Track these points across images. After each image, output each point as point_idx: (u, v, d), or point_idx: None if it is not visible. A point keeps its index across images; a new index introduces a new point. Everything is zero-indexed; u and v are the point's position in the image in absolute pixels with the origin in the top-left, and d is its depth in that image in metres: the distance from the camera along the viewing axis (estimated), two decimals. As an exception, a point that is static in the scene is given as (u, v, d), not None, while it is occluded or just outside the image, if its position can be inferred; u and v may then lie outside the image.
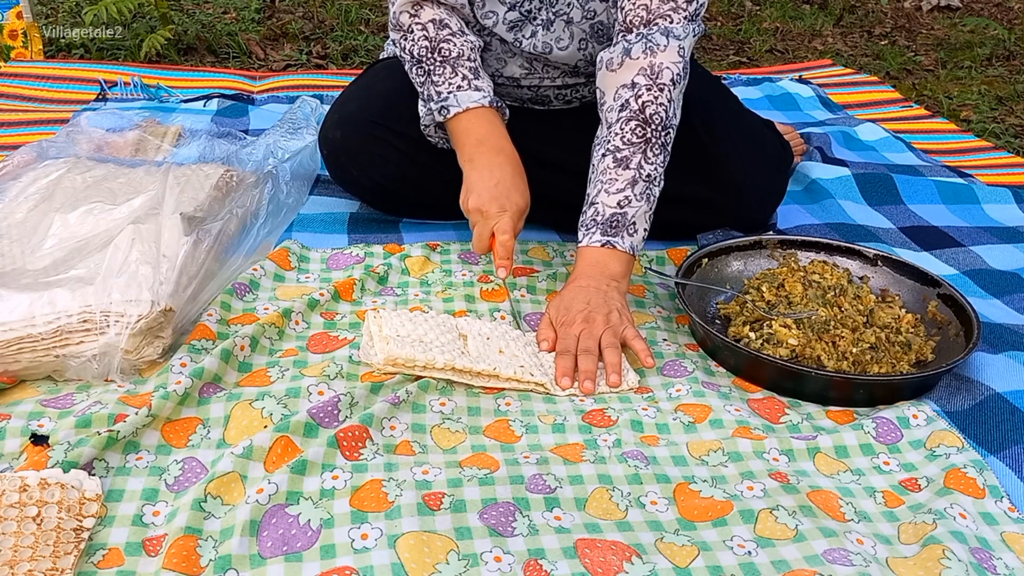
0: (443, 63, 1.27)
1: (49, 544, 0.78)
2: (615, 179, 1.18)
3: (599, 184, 1.19)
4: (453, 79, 1.26)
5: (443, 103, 1.27)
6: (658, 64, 1.19)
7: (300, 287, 1.25)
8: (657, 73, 1.19)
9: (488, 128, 1.25)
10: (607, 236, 1.17)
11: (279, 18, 2.97)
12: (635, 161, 1.18)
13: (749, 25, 3.20)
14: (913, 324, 1.18)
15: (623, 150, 1.18)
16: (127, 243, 1.13)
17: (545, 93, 1.40)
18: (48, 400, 0.98)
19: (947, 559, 0.82)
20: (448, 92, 1.26)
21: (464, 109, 1.25)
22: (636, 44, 1.19)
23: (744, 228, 1.39)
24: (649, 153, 1.19)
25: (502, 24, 1.31)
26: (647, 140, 1.18)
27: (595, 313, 1.12)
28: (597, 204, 1.19)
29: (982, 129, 2.30)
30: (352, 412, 0.98)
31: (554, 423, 1.02)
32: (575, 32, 1.31)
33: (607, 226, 1.17)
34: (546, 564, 0.80)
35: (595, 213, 1.19)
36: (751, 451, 0.97)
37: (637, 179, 1.18)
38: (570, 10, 1.29)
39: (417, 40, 1.28)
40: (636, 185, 1.18)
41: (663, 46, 1.19)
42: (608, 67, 1.22)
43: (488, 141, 1.24)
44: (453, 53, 1.27)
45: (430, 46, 1.27)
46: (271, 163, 1.48)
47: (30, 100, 1.98)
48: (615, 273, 1.17)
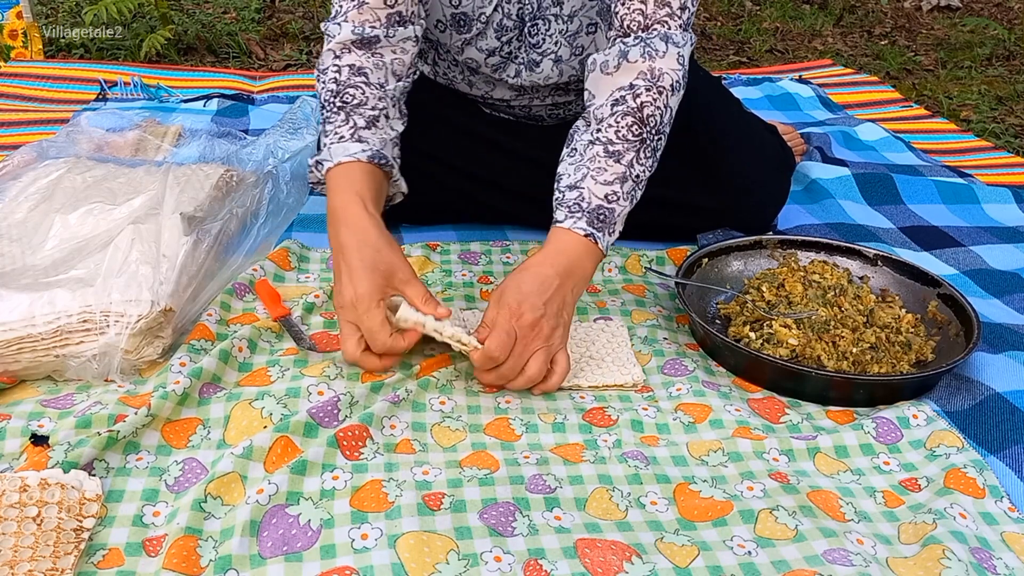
0: (340, 109, 1.12)
1: (49, 544, 0.78)
2: (604, 169, 1.10)
3: (585, 169, 1.10)
4: (342, 127, 1.11)
5: (319, 157, 1.11)
6: (658, 69, 1.13)
7: (300, 287, 1.25)
8: (657, 77, 1.13)
9: (346, 195, 1.06)
10: (593, 228, 1.08)
11: (279, 18, 2.97)
12: (627, 158, 1.11)
13: (749, 25, 3.20)
14: (913, 324, 1.18)
15: (616, 144, 1.10)
16: (127, 243, 1.13)
17: (537, 113, 1.40)
18: (48, 400, 0.98)
19: (947, 559, 0.82)
20: (329, 143, 1.11)
21: (336, 163, 1.09)
22: (634, 48, 1.13)
23: (746, 230, 1.39)
24: (642, 155, 1.12)
25: (485, 67, 1.29)
26: (642, 140, 1.12)
27: (544, 323, 1.03)
28: (582, 189, 1.09)
29: (982, 129, 2.30)
30: (352, 412, 0.98)
31: (554, 422, 1.02)
32: (564, 69, 1.29)
33: (593, 217, 1.08)
34: (546, 564, 0.80)
35: (579, 198, 1.09)
36: (751, 451, 0.97)
37: (627, 177, 1.11)
38: (557, 48, 1.26)
39: (327, 83, 1.14)
40: (625, 183, 1.10)
41: (662, 52, 1.13)
42: (603, 70, 1.15)
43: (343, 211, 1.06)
44: (354, 100, 1.12)
45: (336, 90, 1.13)
46: (271, 163, 1.48)
47: (30, 100, 1.98)
48: (586, 273, 1.09)
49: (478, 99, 1.39)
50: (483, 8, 1.22)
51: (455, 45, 1.27)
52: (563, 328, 1.05)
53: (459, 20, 1.24)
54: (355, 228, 1.04)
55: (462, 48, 1.26)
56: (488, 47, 1.26)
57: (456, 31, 1.25)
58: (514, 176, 1.40)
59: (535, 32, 1.25)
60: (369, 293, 1.00)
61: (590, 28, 1.25)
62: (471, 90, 1.37)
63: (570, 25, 1.24)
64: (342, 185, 1.08)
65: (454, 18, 1.24)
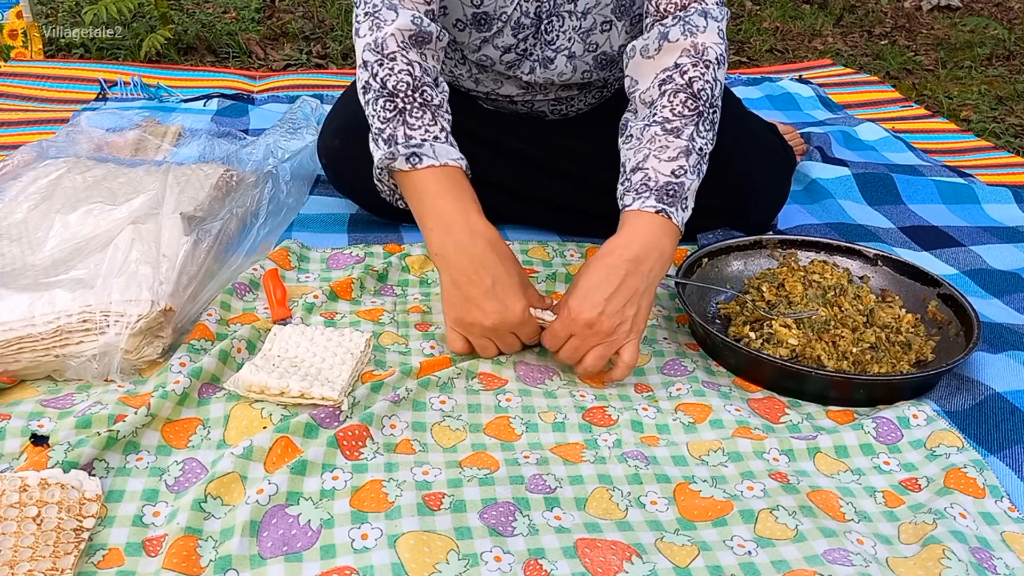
0: (423, 107, 1.08)
1: (49, 544, 0.78)
2: (666, 146, 1.07)
3: (646, 150, 1.08)
4: (432, 127, 1.08)
5: (415, 149, 1.06)
6: (701, 44, 1.12)
7: (300, 287, 1.25)
8: (701, 52, 1.11)
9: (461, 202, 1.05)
10: (663, 204, 1.05)
11: (279, 18, 2.97)
12: (687, 132, 1.08)
13: (749, 25, 3.20)
14: (913, 324, 1.18)
15: (673, 121, 1.09)
16: (127, 243, 1.13)
17: (540, 108, 1.40)
18: (48, 400, 0.98)
19: (947, 559, 0.82)
20: (423, 139, 1.07)
21: (441, 164, 1.06)
22: (673, 27, 1.12)
23: (746, 230, 1.39)
24: (701, 127, 1.09)
25: (499, 64, 1.29)
26: (699, 113, 1.09)
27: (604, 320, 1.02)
28: (647, 169, 1.07)
29: (982, 129, 2.30)
30: (352, 412, 0.98)
31: (554, 421, 1.02)
32: (578, 65, 1.29)
33: (662, 193, 1.05)
34: (546, 564, 0.80)
35: (645, 178, 1.07)
36: (751, 451, 0.97)
37: (690, 150, 1.08)
38: (571, 44, 1.26)
39: (398, 72, 1.09)
40: (690, 156, 1.08)
41: (702, 27, 1.12)
42: (643, 54, 1.14)
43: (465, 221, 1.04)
44: (435, 101, 1.09)
45: (412, 84, 1.08)
46: (271, 163, 1.48)
47: (30, 100, 1.98)
48: (665, 251, 1.05)
49: (480, 96, 1.39)
50: (504, 7, 1.22)
51: (472, 44, 1.26)
52: (628, 322, 1.03)
53: (480, 19, 1.23)
54: (493, 242, 1.04)
55: (478, 46, 1.26)
56: (504, 44, 1.26)
57: (476, 29, 1.24)
58: (514, 177, 1.40)
59: (550, 29, 1.25)
60: (524, 308, 1.04)
61: (604, 26, 1.25)
62: (476, 87, 1.37)
63: (584, 22, 1.24)
64: (455, 191, 1.05)
65: (475, 17, 1.23)
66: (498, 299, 1.03)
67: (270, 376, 0.98)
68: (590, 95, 1.40)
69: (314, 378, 1.00)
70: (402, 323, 1.19)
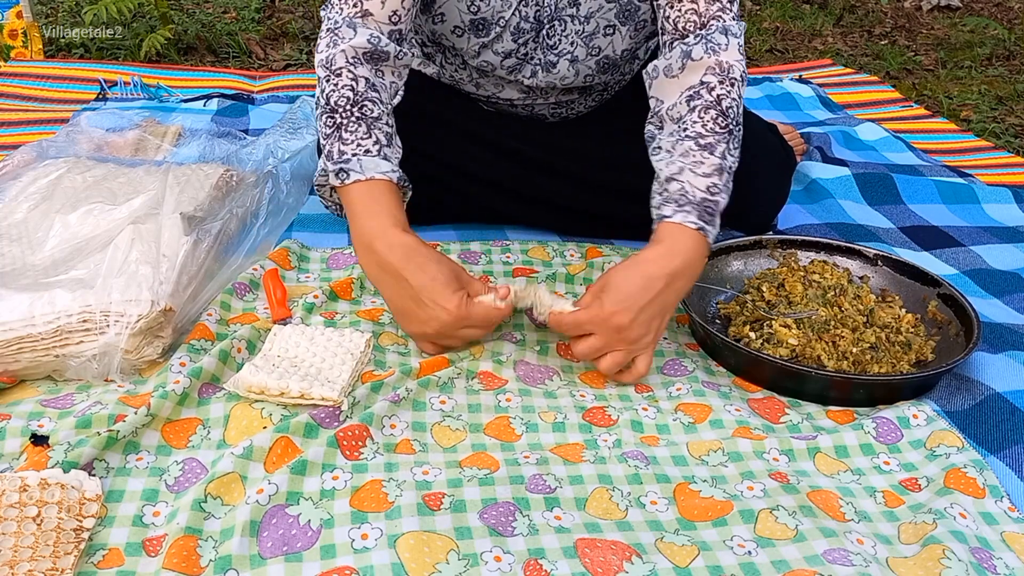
0: (359, 120, 1.08)
1: (49, 544, 0.78)
2: (701, 162, 1.07)
3: (680, 163, 1.08)
4: (364, 140, 1.08)
5: (342, 165, 1.07)
6: (725, 62, 1.12)
7: (300, 287, 1.25)
8: (727, 70, 1.12)
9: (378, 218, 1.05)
10: (702, 221, 1.05)
11: (279, 18, 2.97)
12: (719, 150, 1.08)
13: (749, 25, 3.20)
14: (913, 324, 1.18)
15: (707, 137, 1.08)
16: (127, 243, 1.13)
17: (540, 112, 1.40)
18: (48, 400, 0.98)
19: (947, 559, 0.82)
20: (352, 154, 1.07)
21: (367, 178, 1.06)
22: (696, 46, 1.12)
23: (747, 230, 1.39)
24: (731, 146, 1.10)
25: (501, 69, 1.29)
26: (729, 132, 1.10)
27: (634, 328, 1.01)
28: (683, 182, 1.06)
29: (982, 129, 2.30)
30: (352, 412, 0.98)
31: (554, 421, 1.02)
32: (581, 69, 1.29)
33: (702, 210, 1.05)
34: (546, 564, 0.80)
35: (682, 191, 1.06)
36: (751, 451, 0.97)
37: (723, 169, 1.08)
38: (574, 48, 1.26)
39: (341, 88, 1.09)
40: (723, 175, 1.08)
41: (724, 45, 1.12)
42: (667, 74, 1.14)
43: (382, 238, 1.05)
44: (373, 113, 1.09)
45: (353, 98, 1.09)
46: (271, 163, 1.48)
47: (30, 100, 1.98)
48: (695, 274, 1.07)
49: (480, 99, 1.39)
50: (502, 12, 1.22)
51: (471, 49, 1.26)
52: (653, 334, 1.04)
53: (478, 25, 1.23)
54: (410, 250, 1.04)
55: (478, 52, 1.26)
56: (505, 50, 1.26)
57: (474, 35, 1.24)
58: (514, 177, 1.40)
59: (552, 34, 1.25)
60: (458, 303, 1.03)
61: (607, 30, 1.25)
62: (477, 91, 1.37)
63: (587, 26, 1.24)
64: (376, 207, 1.06)
65: (473, 23, 1.23)
66: (427, 305, 1.03)
67: (270, 377, 0.98)
68: (590, 99, 1.40)
69: (314, 378, 1.00)
70: (402, 323, 1.18)
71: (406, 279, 1.03)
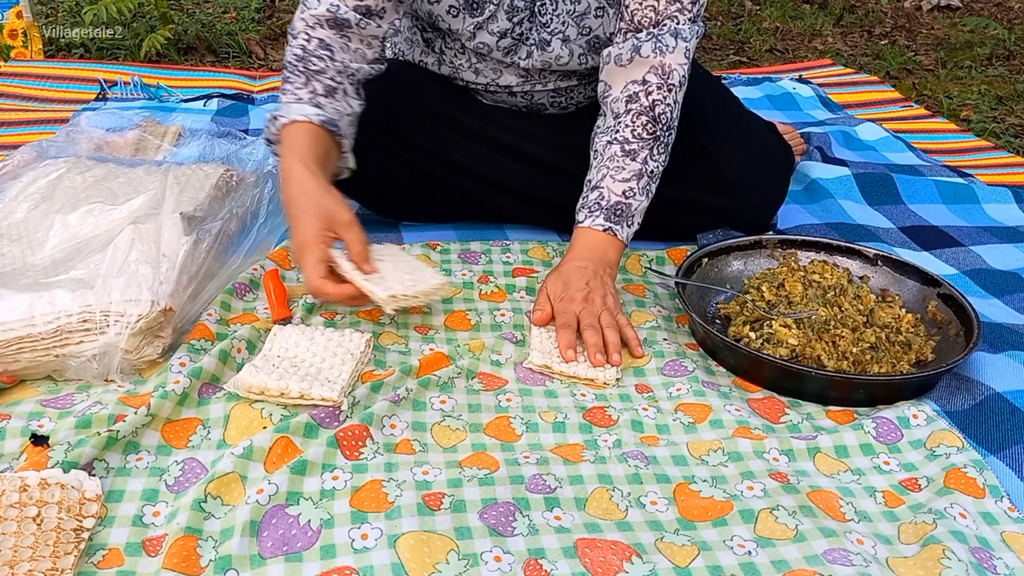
0: (301, 73, 1.16)
1: (49, 544, 0.78)
2: (622, 168, 1.21)
3: (604, 170, 1.21)
4: (299, 90, 1.15)
5: (277, 112, 1.15)
6: (668, 64, 1.21)
7: (300, 287, 1.25)
8: (668, 73, 1.21)
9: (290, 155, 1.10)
10: (610, 222, 1.20)
11: (279, 18, 2.97)
12: (642, 156, 1.21)
13: (749, 25, 3.20)
14: (913, 324, 1.18)
15: (632, 143, 1.21)
16: (127, 243, 1.13)
17: (540, 100, 1.40)
18: (48, 400, 0.98)
19: (947, 559, 0.82)
20: (286, 102, 1.15)
21: (289, 121, 1.12)
22: (646, 43, 1.21)
23: (746, 230, 1.39)
24: (655, 151, 1.22)
25: (497, 51, 1.31)
26: (655, 138, 1.22)
27: (594, 294, 1.14)
28: (602, 189, 1.21)
29: (982, 129, 2.30)
30: (352, 411, 0.98)
31: (555, 421, 1.02)
32: (573, 49, 1.31)
33: (611, 213, 1.20)
34: (546, 564, 0.80)
35: (599, 197, 1.21)
36: (751, 451, 0.97)
37: (642, 174, 1.21)
38: (565, 28, 1.29)
39: (294, 48, 1.18)
40: (640, 179, 1.21)
41: (671, 47, 1.21)
42: (617, 62, 1.23)
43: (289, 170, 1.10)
44: (316, 67, 1.16)
45: (301, 56, 1.17)
46: (271, 163, 1.48)
47: (30, 100, 1.98)
48: (611, 260, 1.20)
49: (480, 88, 1.39)
50: None
51: (467, 30, 1.28)
52: (612, 297, 1.17)
53: (472, 4, 1.26)
54: (298, 181, 1.08)
55: (474, 33, 1.28)
56: (500, 29, 1.28)
57: (469, 15, 1.27)
58: (515, 175, 1.40)
59: (544, 12, 1.27)
60: (312, 237, 1.05)
61: (598, 12, 1.28)
62: (476, 78, 1.37)
63: (578, 6, 1.27)
64: (291, 145, 1.12)
65: (467, 3, 1.26)
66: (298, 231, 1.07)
67: (270, 377, 0.98)
68: (589, 88, 1.40)
69: (314, 378, 1.00)
70: (402, 323, 1.19)
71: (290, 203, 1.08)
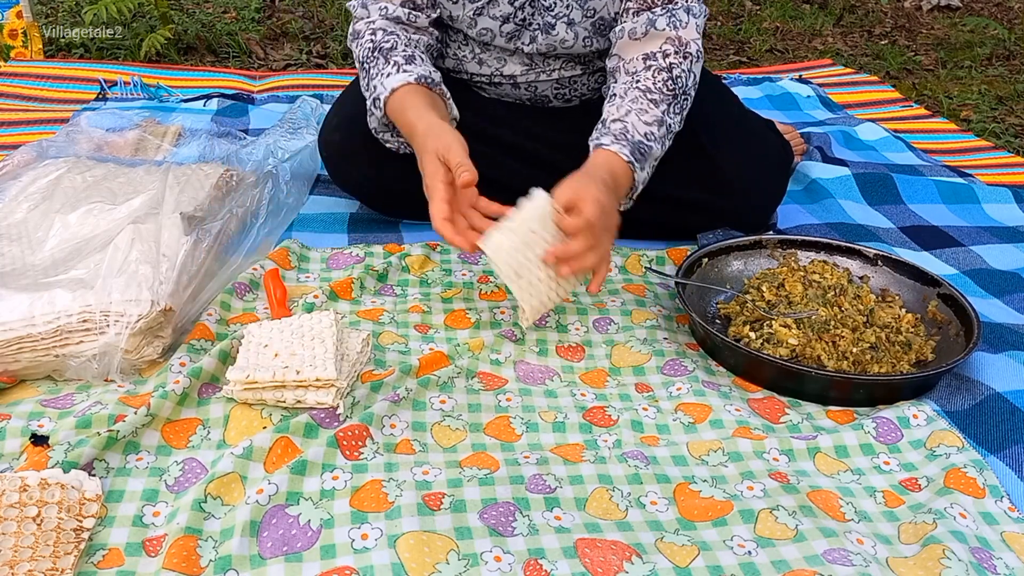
0: (379, 57, 1.25)
1: (49, 544, 0.78)
2: (646, 110, 1.20)
3: (628, 106, 1.20)
4: (384, 68, 1.24)
5: (376, 95, 1.24)
6: (683, 38, 1.24)
7: (300, 287, 1.25)
8: (684, 44, 1.24)
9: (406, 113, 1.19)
10: (634, 158, 1.17)
11: (279, 18, 2.97)
12: (662, 107, 1.21)
13: (749, 25, 3.20)
14: (913, 324, 1.18)
15: (653, 93, 1.21)
16: (127, 243, 1.13)
17: (543, 92, 1.40)
18: (48, 400, 0.98)
19: (947, 559, 0.82)
20: (377, 84, 1.24)
21: (390, 92, 1.21)
22: (661, 17, 1.24)
23: (744, 229, 1.39)
24: (673, 108, 1.22)
25: (500, 37, 1.31)
26: (674, 95, 1.22)
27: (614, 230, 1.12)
28: (627, 121, 1.19)
29: (982, 129, 2.30)
30: (352, 412, 0.98)
31: (555, 421, 1.02)
32: (578, 31, 1.31)
33: (636, 149, 1.18)
34: (546, 564, 0.80)
35: (624, 128, 1.18)
36: (751, 451, 0.97)
37: (663, 122, 1.21)
38: (569, 12, 1.29)
39: (363, 46, 1.28)
40: (660, 127, 1.20)
41: (685, 23, 1.24)
42: (631, 36, 1.25)
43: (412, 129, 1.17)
44: (388, 45, 1.26)
45: (372, 47, 1.27)
46: (271, 163, 1.48)
47: (30, 100, 1.98)
48: (622, 194, 1.18)
49: (483, 81, 1.39)
50: None
51: (468, 16, 1.30)
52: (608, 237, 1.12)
53: None
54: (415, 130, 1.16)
55: (475, 20, 1.29)
56: (502, 14, 1.29)
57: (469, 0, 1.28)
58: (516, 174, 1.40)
59: None
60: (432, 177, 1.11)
61: None
62: (480, 68, 1.38)
63: None
64: (403, 107, 1.19)
65: None
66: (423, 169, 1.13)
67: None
68: (592, 78, 1.40)
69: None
70: (402, 323, 1.19)
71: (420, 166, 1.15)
